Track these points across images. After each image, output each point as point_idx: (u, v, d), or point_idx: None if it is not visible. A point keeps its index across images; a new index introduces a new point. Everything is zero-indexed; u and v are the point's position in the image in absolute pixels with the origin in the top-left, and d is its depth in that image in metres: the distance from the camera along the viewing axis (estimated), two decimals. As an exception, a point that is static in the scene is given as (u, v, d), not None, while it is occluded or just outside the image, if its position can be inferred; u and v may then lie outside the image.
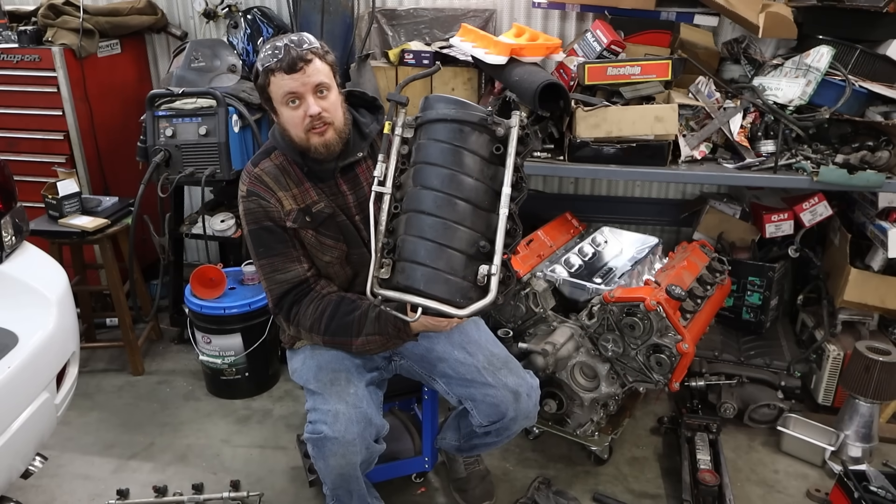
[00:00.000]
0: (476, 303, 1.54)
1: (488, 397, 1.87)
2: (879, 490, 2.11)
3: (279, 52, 1.70)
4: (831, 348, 2.67)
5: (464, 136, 1.59)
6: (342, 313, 1.83)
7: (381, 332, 1.79)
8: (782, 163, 2.44)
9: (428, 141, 1.62)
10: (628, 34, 2.85)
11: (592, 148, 2.47)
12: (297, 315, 1.84)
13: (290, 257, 1.85)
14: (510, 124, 1.59)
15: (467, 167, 1.58)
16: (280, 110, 1.77)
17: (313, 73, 1.71)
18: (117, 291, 2.93)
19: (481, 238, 1.57)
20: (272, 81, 1.72)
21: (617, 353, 2.27)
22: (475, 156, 1.59)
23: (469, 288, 1.56)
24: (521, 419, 1.90)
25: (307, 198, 1.86)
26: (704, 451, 2.42)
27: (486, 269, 1.55)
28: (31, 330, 1.91)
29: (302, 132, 1.77)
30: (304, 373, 1.91)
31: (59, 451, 2.54)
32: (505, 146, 1.59)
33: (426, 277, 1.54)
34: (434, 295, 1.53)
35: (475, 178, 1.59)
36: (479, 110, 1.60)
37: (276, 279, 1.86)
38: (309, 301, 1.84)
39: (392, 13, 3.18)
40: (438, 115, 1.61)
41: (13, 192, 2.15)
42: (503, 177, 1.58)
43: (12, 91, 3.06)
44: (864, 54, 2.57)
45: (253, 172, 1.86)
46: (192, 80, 2.99)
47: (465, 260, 1.56)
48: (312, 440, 1.77)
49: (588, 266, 2.64)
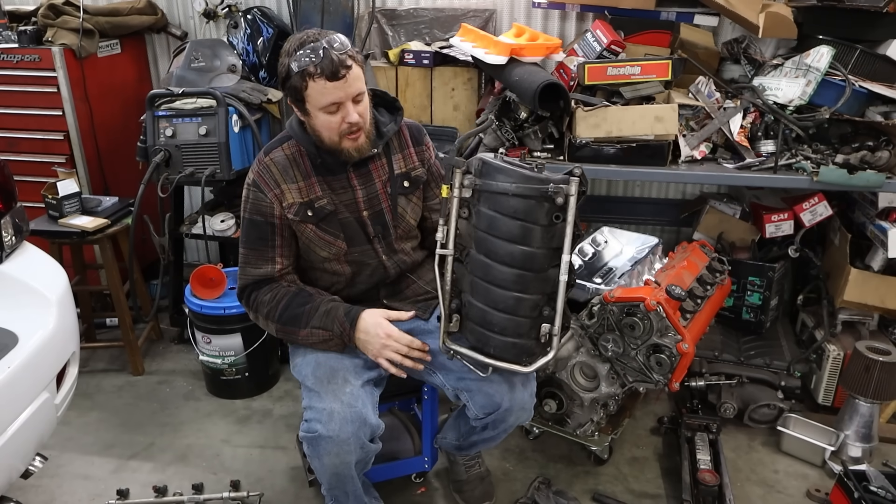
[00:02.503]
0: (539, 359, 1.73)
1: (483, 387, 1.87)
2: (879, 490, 2.11)
3: (317, 57, 1.67)
4: (831, 348, 2.67)
5: (526, 210, 1.63)
6: (296, 304, 1.89)
7: (326, 327, 1.85)
8: (782, 163, 2.44)
9: (490, 212, 1.68)
10: (628, 34, 2.85)
11: (592, 148, 2.47)
12: (255, 301, 1.93)
13: (265, 256, 1.91)
14: (569, 192, 1.61)
15: (530, 239, 1.66)
16: (315, 114, 1.76)
17: (354, 81, 1.72)
18: (117, 291, 2.93)
19: (544, 303, 1.70)
20: (311, 86, 1.71)
21: (617, 353, 2.27)
22: (537, 226, 1.65)
23: (533, 346, 1.73)
24: (516, 409, 1.88)
25: (311, 192, 1.88)
26: (704, 451, 2.42)
27: (547, 328, 1.71)
28: (31, 330, 1.91)
29: (336, 136, 1.78)
30: (303, 368, 1.92)
31: (59, 451, 2.54)
32: (564, 214, 1.63)
33: (496, 344, 1.73)
34: (503, 357, 1.74)
35: (537, 248, 1.67)
36: (540, 182, 1.61)
37: (246, 270, 1.94)
38: (268, 290, 1.91)
39: (392, 13, 3.18)
40: (500, 188, 1.65)
41: (13, 192, 2.15)
42: (563, 237, 1.64)
43: (12, 91, 3.06)
44: (864, 54, 2.57)
45: (263, 161, 1.89)
46: (192, 80, 2.99)
47: (530, 323, 1.71)
48: (307, 439, 1.78)
49: (588, 266, 2.64)
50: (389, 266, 1.98)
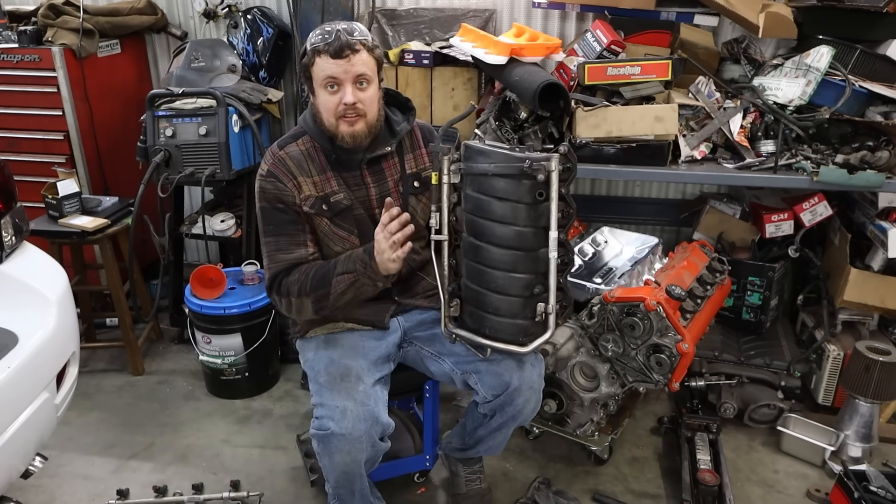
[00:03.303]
0: (537, 339, 1.76)
1: (492, 367, 1.87)
2: (879, 490, 2.11)
3: (329, 36, 1.74)
4: (831, 348, 2.67)
5: (507, 189, 1.66)
6: (321, 267, 1.86)
7: (349, 269, 1.81)
8: (782, 163, 2.44)
9: (475, 194, 1.71)
10: (628, 34, 2.85)
11: (592, 148, 2.47)
12: (286, 286, 1.87)
13: (297, 240, 1.89)
14: (549, 168, 1.62)
15: (516, 218, 1.68)
16: (318, 92, 1.81)
17: (357, 63, 1.76)
18: (117, 291, 2.93)
19: (536, 281, 1.72)
20: (316, 62, 1.77)
21: (617, 353, 2.27)
22: (521, 204, 1.67)
23: (529, 325, 1.76)
24: (525, 389, 1.87)
25: (327, 187, 1.89)
26: (704, 451, 2.42)
27: (542, 307, 1.73)
28: (31, 330, 1.91)
29: (333, 118, 1.80)
30: (316, 363, 1.92)
31: (59, 451, 2.54)
32: (547, 191, 1.64)
33: (492, 324, 1.77)
34: (501, 338, 1.77)
35: (523, 226, 1.68)
36: (518, 161, 1.63)
37: (277, 258, 1.89)
38: (296, 271, 1.88)
39: (392, 13, 3.18)
40: (480, 169, 1.68)
41: (13, 192, 2.15)
42: (550, 215, 1.66)
43: (12, 91, 3.06)
44: (864, 54, 2.57)
45: (278, 154, 1.89)
46: (192, 80, 2.99)
47: (524, 302, 1.74)
48: (318, 436, 1.76)
49: (588, 266, 2.64)
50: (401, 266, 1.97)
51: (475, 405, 1.99)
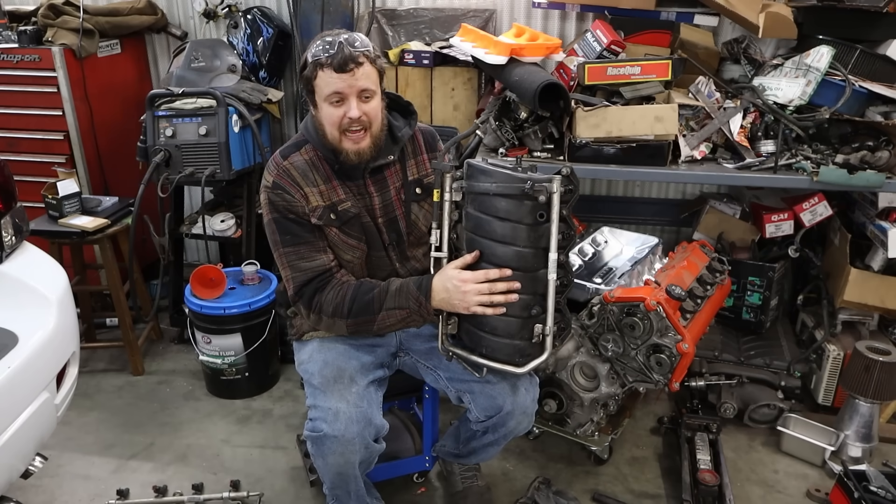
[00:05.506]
0: (533, 360, 1.74)
1: (486, 389, 1.87)
2: (879, 490, 2.11)
3: (331, 49, 1.71)
4: (831, 348, 2.67)
5: (508, 209, 1.64)
6: (362, 293, 1.82)
7: (402, 305, 1.79)
8: (782, 163, 2.44)
9: (476, 213, 1.70)
10: (628, 34, 2.85)
11: (592, 148, 2.46)
12: (319, 303, 1.83)
13: (317, 247, 1.85)
14: (551, 189, 1.61)
15: (516, 238, 1.66)
16: (321, 105, 1.78)
17: (361, 77, 1.73)
18: (117, 291, 2.93)
19: (534, 302, 1.70)
20: (319, 76, 1.73)
21: (617, 353, 2.27)
22: (522, 224, 1.65)
23: (526, 346, 1.73)
24: (517, 414, 1.88)
25: (334, 195, 1.86)
26: (704, 451, 2.42)
27: (540, 328, 1.71)
28: (31, 330, 1.91)
29: (336, 131, 1.78)
30: (311, 366, 1.91)
31: (59, 451, 2.54)
32: (548, 213, 1.63)
33: (489, 344, 1.74)
34: (497, 358, 1.75)
35: (523, 247, 1.66)
36: (520, 181, 1.61)
37: (300, 266, 1.85)
38: (330, 288, 1.83)
39: (392, 13, 3.18)
40: (482, 188, 1.67)
41: (13, 192, 2.15)
42: (550, 237, 1.64)
43: (12, 91, 3.06)
44: (864, 54, 2.57)
45: (282, 165, 1.86)
46: (192, 80, 2.99)
47: (522, 322, 1.71)
48: (312, 438, 1.77)
49: (588, 266, 2.64)
50: (402, 273, 1.96)
51: (468, 419, 1.99)
